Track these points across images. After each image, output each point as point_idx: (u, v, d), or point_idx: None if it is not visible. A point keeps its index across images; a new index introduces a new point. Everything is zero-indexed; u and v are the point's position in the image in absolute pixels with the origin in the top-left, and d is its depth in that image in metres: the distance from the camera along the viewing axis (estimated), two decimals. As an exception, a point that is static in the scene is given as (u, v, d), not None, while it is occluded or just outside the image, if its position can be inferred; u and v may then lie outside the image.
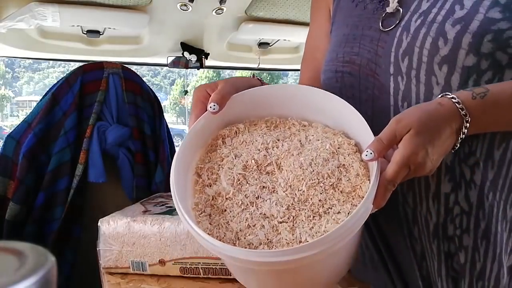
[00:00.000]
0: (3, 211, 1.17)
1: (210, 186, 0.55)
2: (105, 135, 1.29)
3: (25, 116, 1.28)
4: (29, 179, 1.20)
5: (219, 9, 1.69)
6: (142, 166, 1.35)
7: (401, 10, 0.60)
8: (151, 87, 1.47)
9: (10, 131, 1.27)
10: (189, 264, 0.80)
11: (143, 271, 0.90)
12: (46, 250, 0.21)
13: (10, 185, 1.20)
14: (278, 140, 0.57)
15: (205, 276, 0.80)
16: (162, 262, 0.87)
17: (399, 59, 0.58)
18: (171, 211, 0.95)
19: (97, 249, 0.92)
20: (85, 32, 1.83)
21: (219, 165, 0.56)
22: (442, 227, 0.60)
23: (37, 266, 0.19)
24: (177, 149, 0.55)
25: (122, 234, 0.89)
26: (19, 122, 1.28)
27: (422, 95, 0.57)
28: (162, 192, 1.30)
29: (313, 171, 0.52)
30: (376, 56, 0.62)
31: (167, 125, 1.46)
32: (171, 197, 0.50)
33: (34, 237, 1.20)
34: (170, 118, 27.75)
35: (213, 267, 0.79)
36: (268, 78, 23.54)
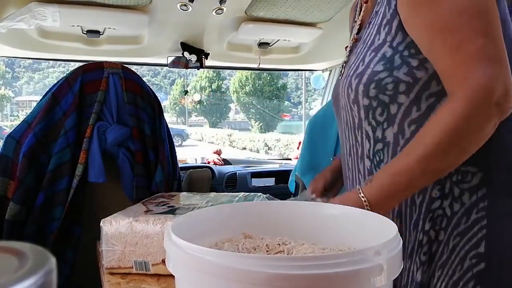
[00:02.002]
0: (3, 211, 1.17)
1: None
2: (105, 135, 1.29)
3: (25, 116, 1.28)
4: (29, 179, 1.20)
5: (219, 9, 1.69)
6: (142, 166, 1.34)
7: (343, 65, 0.86)
8: (151, 87, 1.47)
9: (10, 131, 1.27)
10: (190, 264, 0.80)
11: (146, 270, 0.90)
12: (46, 250, 0.21)
13: (10, 185, 1.20)
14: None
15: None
16: (165, 262, 0.87)
17: (340, 97, 0.83)
18: (173, 211, 0.95)
19: (100, 249, 0.92)
20: (85, 32, 1.83)
21: None
22: (422, 221, 0.74)
23: (37, 266, 0.19)
24: (177, 149, 0.55)
25: (124, 234, 0.89)
26: (19, 122, 1.28)
27: (351, 124, 0.81)
28: (162, 192, 1.30)
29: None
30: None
31: (167, 125, 1.46)
32: (172, 196, 0.50)
33: (34, 237, 1.19)
34: (170, 118, 27.73)
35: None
36: (268, 78, 23.54)
